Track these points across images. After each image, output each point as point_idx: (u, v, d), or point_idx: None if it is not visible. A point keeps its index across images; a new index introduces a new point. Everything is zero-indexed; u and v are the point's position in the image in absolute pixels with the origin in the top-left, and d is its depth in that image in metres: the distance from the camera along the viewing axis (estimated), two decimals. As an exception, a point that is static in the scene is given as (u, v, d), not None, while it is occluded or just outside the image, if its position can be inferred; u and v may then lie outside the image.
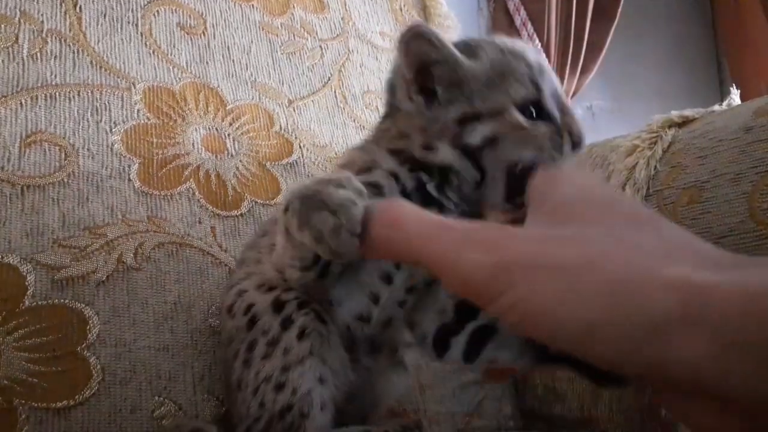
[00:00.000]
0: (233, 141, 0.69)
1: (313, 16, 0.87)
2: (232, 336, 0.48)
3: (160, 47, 0.70)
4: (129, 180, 0.60)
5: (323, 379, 0.45)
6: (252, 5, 0.81)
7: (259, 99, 0.75)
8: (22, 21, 0.62)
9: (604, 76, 2.16)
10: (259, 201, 0.67)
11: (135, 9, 0.70)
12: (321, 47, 0.85)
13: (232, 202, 0.65)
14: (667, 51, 2.57)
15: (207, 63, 0.73)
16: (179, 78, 0.69)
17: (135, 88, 0.65)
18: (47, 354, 0.50)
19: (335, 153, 0.77)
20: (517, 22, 1.80)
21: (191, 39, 0.73)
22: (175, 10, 0.73)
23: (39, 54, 0.61)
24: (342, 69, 0.85)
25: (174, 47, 0.71)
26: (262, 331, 0.46)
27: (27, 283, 0.51)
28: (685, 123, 0.74)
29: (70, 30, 0.64)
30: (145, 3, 0.71)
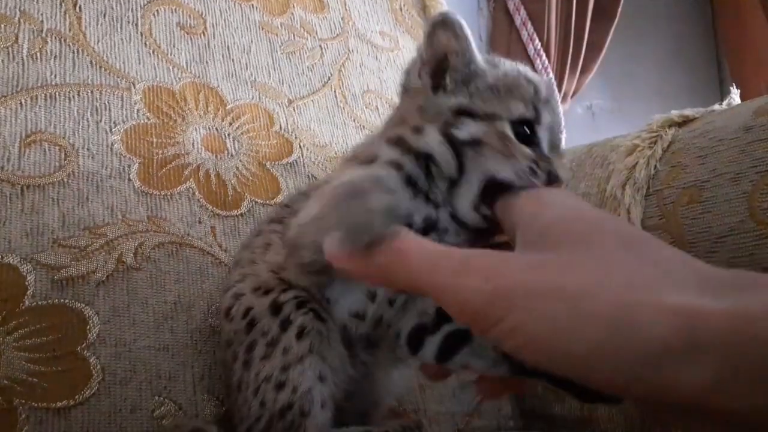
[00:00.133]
0: (233, 141, 0.69)
1: (313, 15, 0.87)
2: (230, 339, 0.49)
3: (160, 47, 0.70)
4: (129, 180, 0.60)
5: (323, 377, 0.45)
6: (252, 5, 0.81)
7: (259, 99, 0.75)
8: (22, 21, 0.62)
9: (604, 76, 2.16)
10: (259, 201, 0.67)
11: (135, 9, 0.70)
12: (321, 47, 0.85)
13: (232, 201, 0.65)
14: (667, 51, 2.57)
15: (207, 63, 0.73)
16: (179, 78, 0.69)
17: (135, 87, 0.65)
18: (47, 354, 0.50)
19: (335, 153, 0.77)
20: (517, 22, 1.80)
21: (191, 39, 0.73)
22: (175, 9, 0.73)
23: (39, 54, 0.61)
24: (342, 69, 0.85)
25: (174, 47, 0.71)
26: (261, 333, 0.46)
27: (27, 283, 0.51)
28: (685, 123, 0.74)
29: (69, 30, 0.64)
30: (145, 3, 0.71)
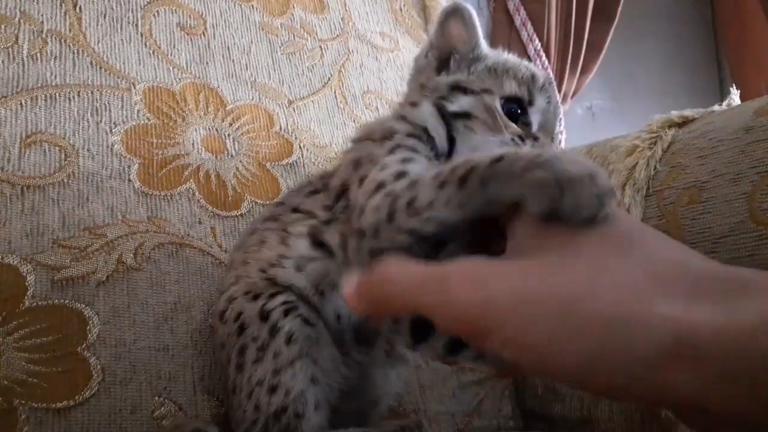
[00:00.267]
0: (233, 141, 0.69)
1: (313, 16, 0.87)
2: (224, 341, 0.49)
3: (160, 47, 0.70)
4: (129, 180, 0.60)
5: (315, 379, 0.45)
6: (252, 5, 0.81)
7: (259, 99, 0.75)
8: (22, 21, 0.62)
9: (604, 76, 2.16)
10: (259, 201, 0.67)
11: (135, 9, 0.70)
12: (321, 47, 0.85)
13: (232, 202, 0.65)
14: (667, 51, 2.57)
15: (207, 63, 0.73)
16: (179, 78, 0.69)
17: (135, 88, 0.65)
18: (47, 354, 0.50)
19: (335, 153, 0.77)
20: (517, 22, 1.79)
21: (191, 39, 0.73)
22: (175, 10, 0.73)
23: (39, 54, 0.61)
24: (342, 69, 0.85)
25: (174, 47, 0.71)
26: (251, 338, 0.46)
27: (27, 284, 0.51)
28: (685, 123, 0.74)
29: (70, 30, 0.64)
30: (145, 3, 0.71)
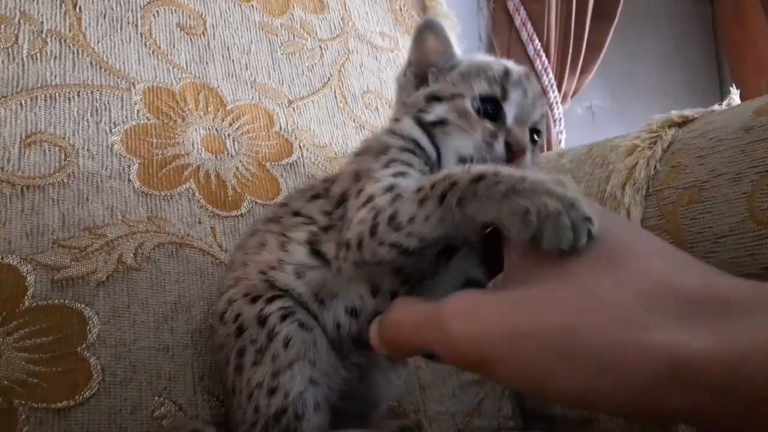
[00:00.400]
0: (233, 141, 0.69)
1: (313, 16, 0.87)
2: (223, 342, 0.49)
3: (159, 47, 0.70)
4: (129, 180, 0.60)
5: (314, 381, 0.45)
6: (252, 5, 0.81)
7: (259, 99, 0.75)
8: (22, 21, 0.62)
9: (604, 76, 2.16)
10: (259, 201, 0.67)
11: (135, 9, 0.70)
12: (321, 47, 0.85)
13: (231, 202, 0.65)
14: (667, 51, 2.57)
15: (207, 63, 0.73)
16: (179, 78, 0.69)
17: (135, 88, 0.65)
18: (47, 354, 0.50)
19: (335, 153, 0.77)
20: (517, 22, 1.79)
21: (191, 39, 0.73)
22: (175, 10, 0.73)
23: (39, 54, 0.61)
24: (342, 69, 0.85)
25: (174, 47, 0.71)
26: (250, 340, 0.46)
27: (27, 284, 0.51)
28: (685, 123, 0.74)
29: (69, 30, 0.64)
30: (145, 3, 0.71)
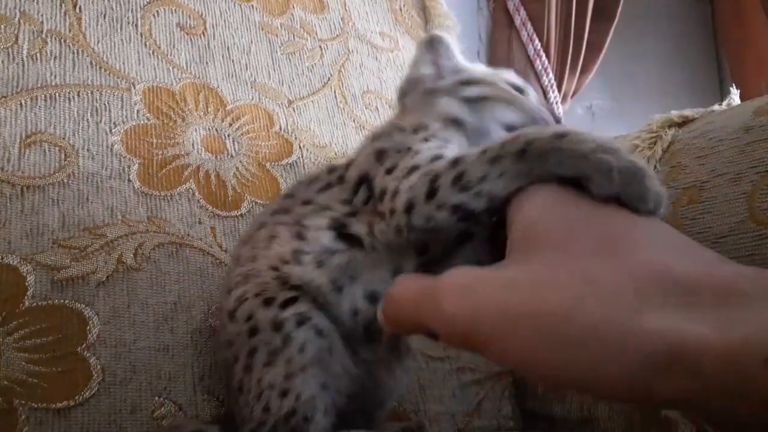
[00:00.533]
0: (233, 141, 0.69)
1: (313, 16, 0.87)
2: (232, 340, 0.48)
3: (159, 47, 0.70)
4: (129, 180, 0.60)
5: (326, 386, 0.45)
6: (252, 5, 0.81)
7: (259, 99, 0.75)
8: (21, 21, 0.62)
9: (604, 76, 2.16)
10: (259, 201, 0.67)
11: (135, 9, 0.70)
12: (321, 47, 0.85)
13: (232, 202, 0.65)
14: (667, 51, 2.57)
15: (207, 63, 0.73)
16: (179, 78, 0.69)
17: (135, 88, 0.65)
18: (47, 354, 0.50)
19: (335, 153, 0.77)
20: (517, 22, 1.79)
21: (191, 39, 0.73)
22: (175, 10, 0.73)
23: (39, 54, 0.61)
24: (342, 69, 0.85)
25: (174, 47, 0.71)
26: (263, 342, 0.46)
27: (27, 284, 0.51)
28: (685, 123, 0.74)
29: (69, 30, 0.64)
30: (145, 3, 0.71)
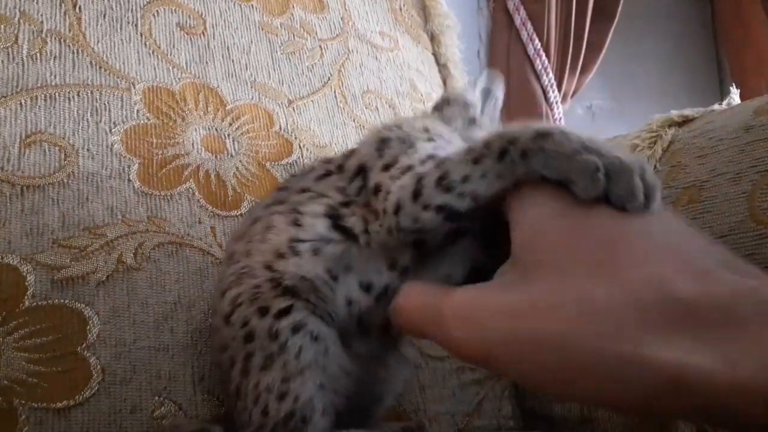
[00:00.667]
0: (233, 141, 0.69)
1: (313, 16, 0.87)
2: (227, 344, 0.48)
3: (159, 47, 0.70)
4: (129, 180, 0.60)
5: (323, 386, 0.45)
6: (252, 5, 0.81)
7: (259, 99, 0.75)
8: (21, 21, 0.62)
9: (604, 76, 2.16)
10: (259, 201, 0.67)
11: (135, 9, 0.70)
12: (321, 47, 0.85)
13: (232, 202, 0.65)
14: (667, 51, 2.57)
15: (207, 63, 0.73)
16: (179, 78, 0.69)
17: (135, 88, 0.65)
18: (47, 354, 0.50)
19: (335, 153, 0.77)
20: (517, 22, 1.79)
21: (191, 39, 0.73)
22: (175, 10, 0.73)
23: (38, 54, 0.61)
24: (342, 69, 0.85)
25: (174, 47, 0.71)
26: (259, 347, 0.45)
27: (27, 284, 0.51)
28: (685, 122, 0.74)
29: (69, 30, 0.64)
30: (145, 3, 0.71)
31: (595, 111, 2.33)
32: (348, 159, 0.50)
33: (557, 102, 1.84)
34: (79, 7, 0.66)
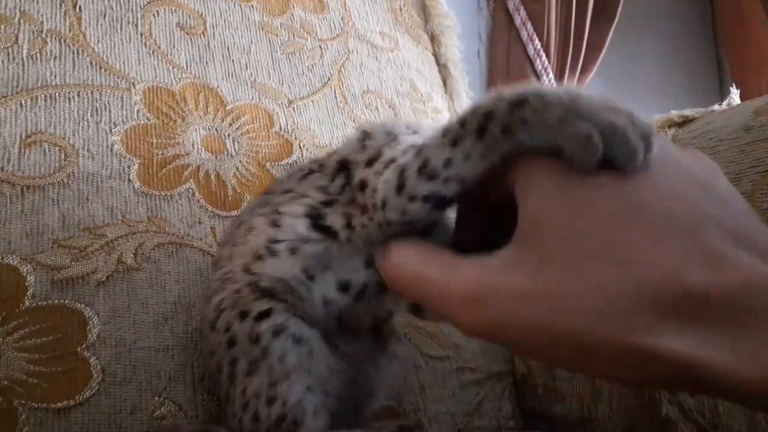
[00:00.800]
0: (233, 141, 0.69)
1: (313, 16, 0.87)
2: (214, 350, 0.48)
3: (159, 47, 0.70)
4: (129, 180, 0.60)
5: (311, 388, 0.45)
6: (252, 5, 0.81)
7: (259, 99, 0.75)
8: (21, 21, 0.62)
9: (604, 76, 2.16)
10: (259, 201, 0.67)
11: (135, 9, 0.70)
12: (321, 47, 0.85)
13: (232, 202, 0.65)
14: (667, 51, 2.57)
15: (207, 63, 0.73)
16: (179, 78, 0.69)
17: (135, 88, 0.65)
18: (47, 354, 0.50)
19: (335, 153, 0.77)
20: (517, 22, 1.80)
21: (191, 39, 0.73)
22: (175, 10, 0.73)
23: (39, 54, 0.61)
24: (342, 69, 0.85)
25: (174, 47, 0.71)
26: (243, 352, 0.45)
27: (27, 284, 0.51)
28: (685, 123, 0.74)
29: (69, 30, 0.64)
30: (145, 3, 0.71)
31: (595, 111, 2.32)
32: (330, 157, 0.49)
33: (557, 102, 1.84)
34: (79, 7, 0.66)
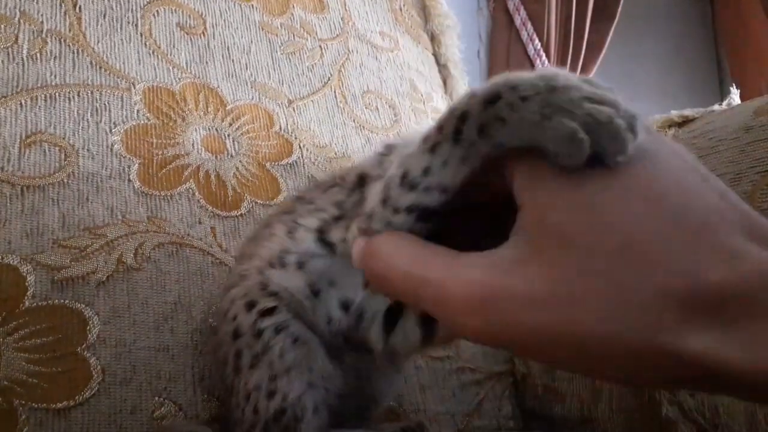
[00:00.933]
0: (233, 141, 0.69)
1: (313, 16, 0.87)
2: (222, 340, 0.49)
3: (159, 47, 0.70)
4: (129, 180, 0.60)
5: (312, 384, 0.45)
6: (252, 5, 0.81)
7: (259, 99, 0.75)
8: (21, 21, 0.62)
9: (604, 76, 2.16)
10: (259, 201, 0.67)
11: (135, 9, 0.70)
12: (321, 47, 0.85)
13: (232, 202, 0.65)
14: (667, 51, 2.57)
15: (207, 63, 0.73)
16: (179, 78, 0.69)
17: (135, 88, 0.65)
18: (47, 354, 0.50)
19: (335, 153, 0.77)
20: (517, 22, 1.80)
21: (191, 39, 0.73)
22: (175, 10, 0.73)
23: (39, 54, 0.61)
24: (342, 69, 0.85)
25: (174, 47, 0.71)
26: (246, 345, 0.46)
27: (27, 284, 0.51)
28: (685, 123, 0.74)
29: (69, 30, 0.64)
30: (145, 3, 0.71)
31: (595, 111, 2.33)
32: (352, 171, 0.49)
33: (557, 102, 1.85)
34: (79, 7, 0.66)
